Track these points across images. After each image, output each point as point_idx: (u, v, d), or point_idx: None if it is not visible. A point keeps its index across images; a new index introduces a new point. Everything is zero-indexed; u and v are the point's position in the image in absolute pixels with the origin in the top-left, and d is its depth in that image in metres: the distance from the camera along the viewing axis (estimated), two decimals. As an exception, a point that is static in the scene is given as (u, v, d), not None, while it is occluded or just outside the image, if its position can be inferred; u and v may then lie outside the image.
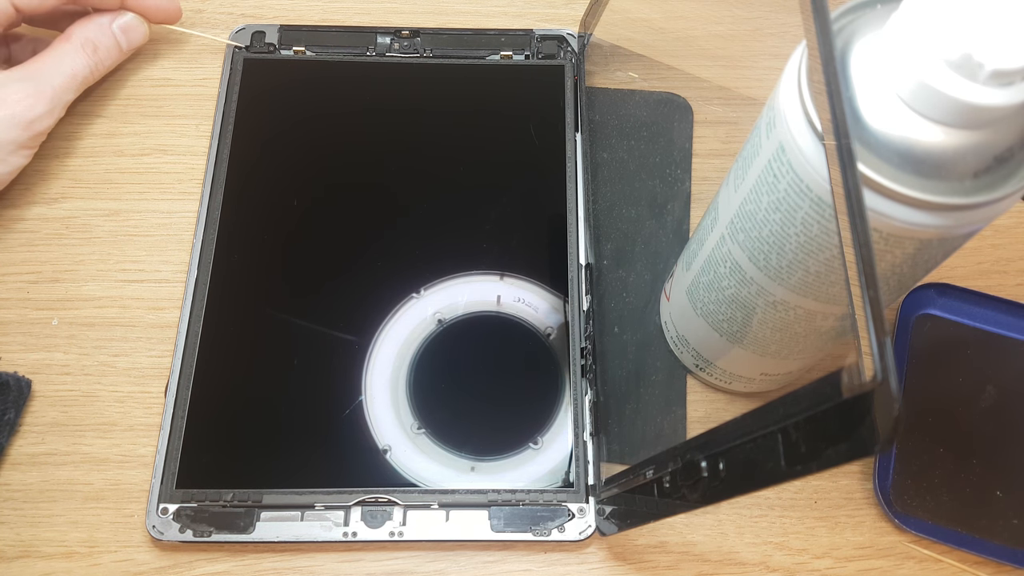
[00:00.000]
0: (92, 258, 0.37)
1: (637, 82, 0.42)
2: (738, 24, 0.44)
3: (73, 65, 0.37)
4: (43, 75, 0.36)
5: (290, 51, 0.41)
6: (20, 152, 0.35)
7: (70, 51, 0.37)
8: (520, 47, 0.42)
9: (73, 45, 0.37)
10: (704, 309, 0.31)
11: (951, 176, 0.20)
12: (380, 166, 0.39)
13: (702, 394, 0.36)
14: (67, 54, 0.37)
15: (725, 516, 0.33)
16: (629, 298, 0.37)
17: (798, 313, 0.27)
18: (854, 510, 0.34)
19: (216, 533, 0.31)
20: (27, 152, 0.36)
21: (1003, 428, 0.34)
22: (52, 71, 0.36)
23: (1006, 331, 0.36)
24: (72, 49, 0.37)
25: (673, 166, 0.40)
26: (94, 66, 0.38)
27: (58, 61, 0.36)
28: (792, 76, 0.22)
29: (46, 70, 0.36)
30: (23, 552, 0.32)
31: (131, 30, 0.39)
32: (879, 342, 0.16)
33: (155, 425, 0.34)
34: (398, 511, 0.32)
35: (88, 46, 0.37)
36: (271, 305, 0.36)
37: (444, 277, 0.37)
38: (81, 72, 0.37)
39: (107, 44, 0.38)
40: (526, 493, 0.33)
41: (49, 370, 0.35)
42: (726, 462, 0.22)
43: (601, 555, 0.33)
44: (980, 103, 0.19)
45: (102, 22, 0.38)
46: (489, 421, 0.34)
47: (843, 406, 0.17)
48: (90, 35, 0.38)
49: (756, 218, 0.25)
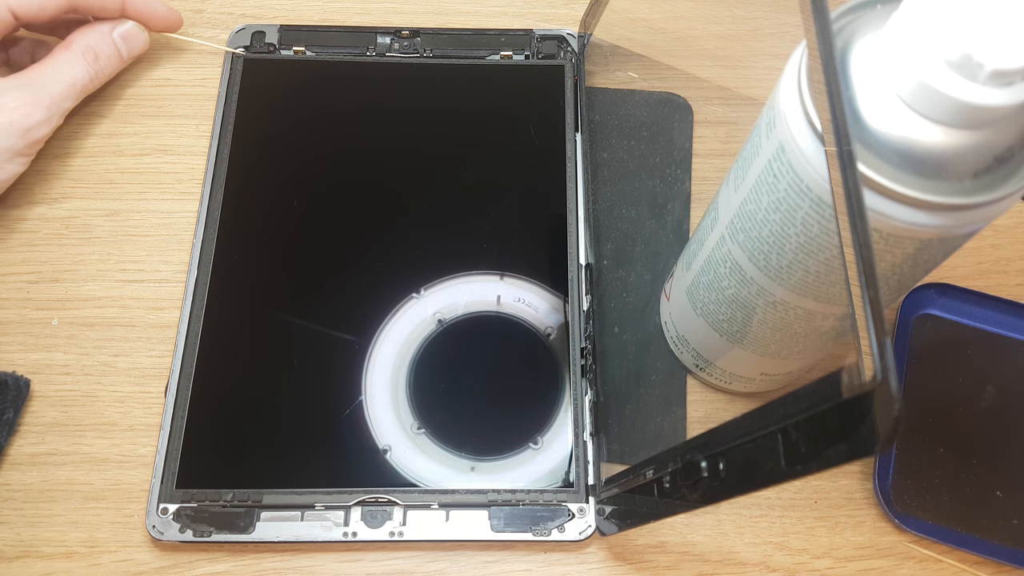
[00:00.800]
0: (92, 258, 0.37)
1: (637, 82, 0.42)
2: (738, 24, 0.44)
3: (73, 73, 0.37)
4: (42, 83, 0.36)
5: (290, 51, 0.41)
6: (17, 159, 0.35)
7: (70, 59, 0.37)
8: (520, 47, 0.42)
9: (73, 53, 0.37)
10: (704, 309, 0.31)
11: (951, 176, 0.20)
12: (380, 166, 0.39)
13: (702, 394, 0.36)
14: (67, 62, 0.37)
15: (725, 516, 0.33)
16: (629, 298, 0.37)
17: (798, 313, 0.27)
18: (854, 510, 0.34)
19: (216, 533, 0.31)
20: (24, 160, 0.36)
21: (1003, 428, 0.34)
22: (51, 79, 0.36)
23: (1006, 331, 0.36)
24: (72, 57, 0.37)
25: (673, 166, 0.40)
26: (94, 74, 0.38)
27: (57, 69, 0.36)
28: (792, 76, 0.22)
29: (45, 78, 0.36)
30: (23, 552, 0.32)
31: (132, 38, 0.39)
32: (879, 342, 0.16)
33: (155, 425, 0.34)
34: (398, 511, 0.32)
35: (89, 54, 0.37)
36: (271, 305, 0.36)
37: (444, 277, 0.37)
38: (80, 80, 0.37)
39: (108, 52, 0.38)
40: (526, 493, 0.33)
41: (49, 370, 0.35)
42: (726, 462, 0.22)
43: (601, 555, 0.33)
44: (980, 103, 0.19)
45: (103, 30, 0.38)
46: (489, 421, 0.34)
47: (843, 406, 0.17)
48: (91, 43, 0.37)
49: (756, 218, 0.25)
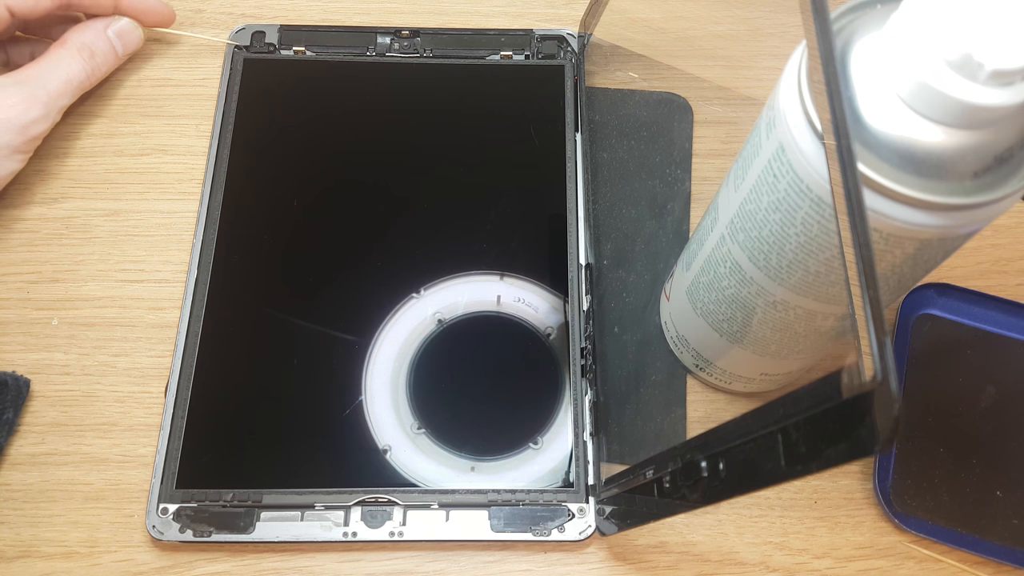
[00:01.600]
0: (92, 258, 0.37)
1: (637, 82, 0.42)
2: (738, 24, 0.44)
3: (69, 70, 0.37)
4: (39, 80, 0.36)
5: (290, 51, 0.41)
6: (15, 156, 0.35)
7: (66, 56, 0.37)
8: (520, 47, 0.42)
9: (69, 50, 0.37)
10: (704, 309, 0.31)
11: (951, 176, 0.20)
12: (380, 166, 0.39)
13: (702, 394, 0.36)
14: (63, 59, 0.37)
15: (725, 516, 0.33)
16: (629, 298, 0.37)
17: (798, 313, 0.27)
18: (854, 510, 0.34)
19: (216, 533, 0.31)
20: (22, 157, 0.36)
21: (1003, 428, 0.34)
22: (48, 76, 0.36)
23: (1006, 331, 0.36)
24: (68, 54, 0.37)
25: (673, 166, 0.40)
26: (91, 71, 0.38)
27: (54, 66, 0.36)
28: (792, 76, 0.22)
29: (42, 75, 0.36)
30: (23, 552, 0.32)
31: (126, 35, 0.39)
32: (879, 342, 0.16)
33: (155, 425, 0.34)
34: (398, 511, 0.32)
35: (85, 51, 0.37)
36: (271, 305, 0.36)
37: (444, 277, 0.37)
38: (77, 77, 0.37)
39: (103, 49, 0.38)
40: (526, 493, 0.33)
41: (49, 370, 0.35)
42: (726, 462, 0.22)
43: (601, 555, 0.33)
44: (980, 103, 0.19)
45: (98, 27, 0.38)
46: (489, 421, 0.34)
47: (843, 406, 0.17)
48: (86, 40, 0.38)
49: (756, 218, 0.25)
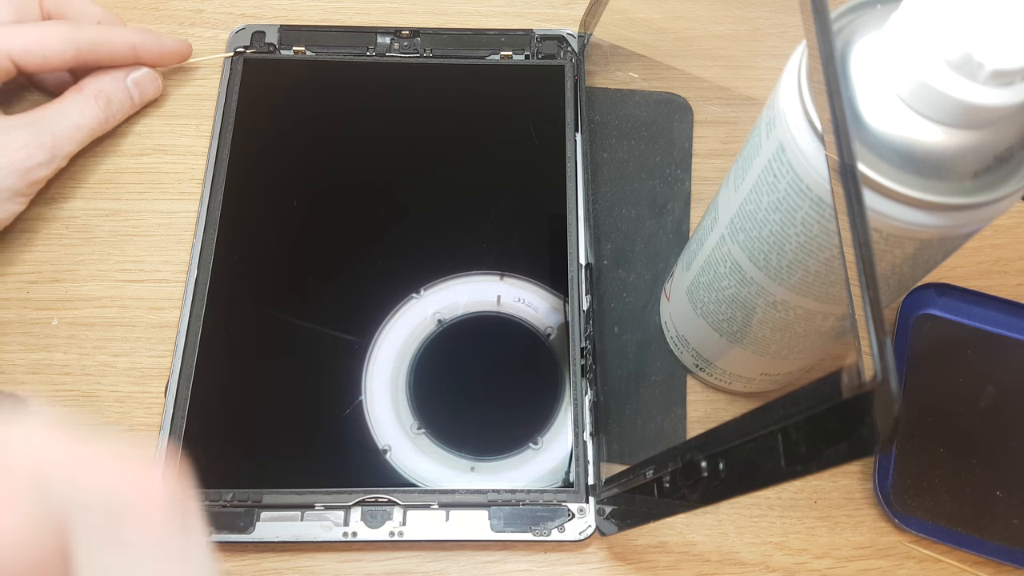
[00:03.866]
0: (92, 258, 0.37)
1: (637, 82, 0.42)
2: (738, 24, 0.44)
3: (81, 116, 0.36)
4: (46, 123, 0.35)
5: (290, 51, 0.41)
6: (16, 199, 0.35)
7: (80, 101, 0.36)
8: (520, 47, 0.42)
9: (84, 96, 0.36)
10: (704, 309, 0.31)
11: (951, 176, 0.20)
12: (380, 166, 0.39)
13: (702, 394, 0.36)
14: (76, 104, 0.36)
15: (725, 516, 0.33)
16: (629, 298, 0.37)
17: (798, 313, 0.27)
18: (854, 510, 0.34)
19: (216, 533, 0.31)
20: (23, 199, 0.35)
21: (1003, 428, 0.34)
22: (56, 120, 0.35)
23: (1006, 331, 0.36)
24: (83, 100, 0.36)
25: (673, 166, 0.40)
26: (105, 119, 0.37)
27: (64, 110, 0.36)
28: (792, 76, 0.22)
29: (50, 118, 0.35)
30: (23, 552, 0.32)
31: (145, 84, 0.39)
32: (879, 342, 0.16)
33: (155, 425, 0.34)
34: (398, 511, 0.32)
35: (101, 98, 0.37)
36: (271, 305, 0.36)
37: (444, 277, 0.37)
38: (88, 124, 0.36)
39: (120, 97, 0.38)
40: (526, 493, 0.33)
41: (49, 370, 0.35)
42: (726, 462, 0.22)
43: (601, 555, 0.33)
44: (980, 103, 0.19)
45: (117, 75, 0.38)
46: (489, 421, 0.34)
47: (843, 406, 0.17)
48: (104, 87, 0.37)
49: (756, 218, 0.25)
